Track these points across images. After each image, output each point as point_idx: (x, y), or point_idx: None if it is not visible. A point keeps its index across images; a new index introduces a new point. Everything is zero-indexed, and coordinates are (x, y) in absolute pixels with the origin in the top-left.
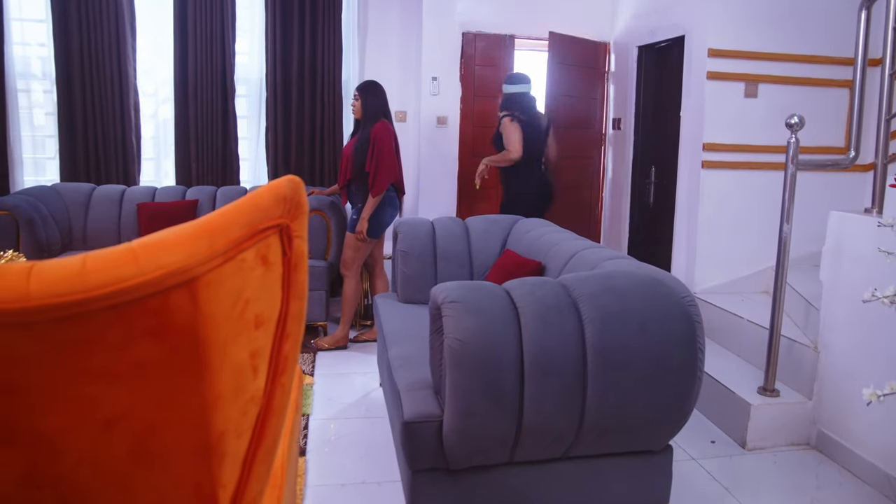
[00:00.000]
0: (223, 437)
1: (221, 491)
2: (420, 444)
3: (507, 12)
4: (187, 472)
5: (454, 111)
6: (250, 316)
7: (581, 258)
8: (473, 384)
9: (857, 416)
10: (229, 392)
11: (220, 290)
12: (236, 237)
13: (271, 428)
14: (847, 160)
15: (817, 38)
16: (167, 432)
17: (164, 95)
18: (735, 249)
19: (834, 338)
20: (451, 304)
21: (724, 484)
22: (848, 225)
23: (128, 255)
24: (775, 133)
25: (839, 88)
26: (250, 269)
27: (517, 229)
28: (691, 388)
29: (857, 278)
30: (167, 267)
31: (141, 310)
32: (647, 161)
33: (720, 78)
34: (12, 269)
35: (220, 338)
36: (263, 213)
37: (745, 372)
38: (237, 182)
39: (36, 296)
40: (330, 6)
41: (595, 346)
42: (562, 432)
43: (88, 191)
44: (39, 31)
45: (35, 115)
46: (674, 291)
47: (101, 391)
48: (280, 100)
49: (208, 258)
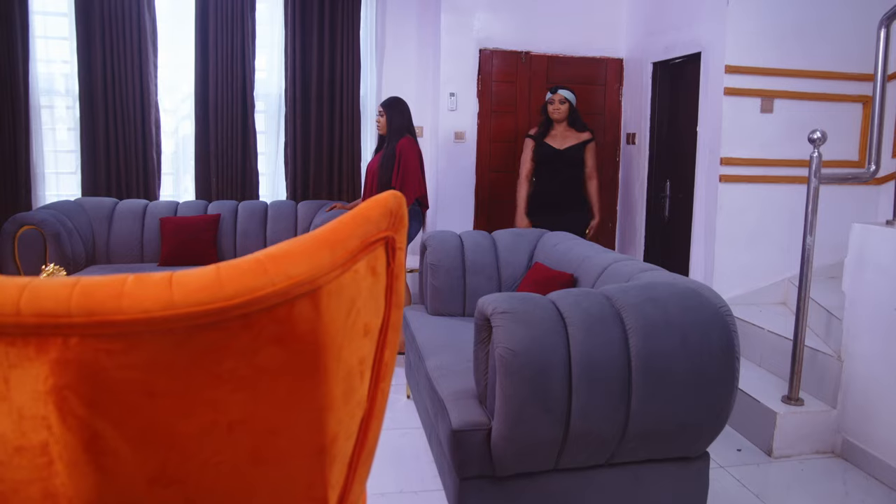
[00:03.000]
0: (335, 440)
1: (331, 491)
2: (468, 452)
3: (522, 29)
4: (302, 473)
5: (472, 127)
6: (360, 324)
7: (614, 270)
8: (524, 392)
9: (883, 423)
10: (341, 396)
11: (339, 299)
12: (352, 248)
13: (373, 430)
14: (867, 174)
15: (830, 54)
16: (286, 435)
17: (185, 112)
18: (752, 261)
19: (857, 347)
20: (502, 314)
21: (753, 491)
22: (870, 236)
23: (257, 266)
24: (791, 147)
25: (852, 103)
26: (362, 279)
27: (543, 242)
28: (729, 396)
29: (880, 289)
30: (295, 277)
31: (268, 318)
32: (661, 175)
33: (737, 94)
34: (153, 279)
35: (336, 344)
36: (374, 226)
37: (768, 381)
38: (256, 197)
39: (179, 304)
40: (349, 23)
41: (639, 355)
42: (606, 439)
43: (111, 205)
44: (63, 48)
45: (57, 131)
46: (711, 302)
47: (228, 395)
48: (299, 115)
49: (330, 269)
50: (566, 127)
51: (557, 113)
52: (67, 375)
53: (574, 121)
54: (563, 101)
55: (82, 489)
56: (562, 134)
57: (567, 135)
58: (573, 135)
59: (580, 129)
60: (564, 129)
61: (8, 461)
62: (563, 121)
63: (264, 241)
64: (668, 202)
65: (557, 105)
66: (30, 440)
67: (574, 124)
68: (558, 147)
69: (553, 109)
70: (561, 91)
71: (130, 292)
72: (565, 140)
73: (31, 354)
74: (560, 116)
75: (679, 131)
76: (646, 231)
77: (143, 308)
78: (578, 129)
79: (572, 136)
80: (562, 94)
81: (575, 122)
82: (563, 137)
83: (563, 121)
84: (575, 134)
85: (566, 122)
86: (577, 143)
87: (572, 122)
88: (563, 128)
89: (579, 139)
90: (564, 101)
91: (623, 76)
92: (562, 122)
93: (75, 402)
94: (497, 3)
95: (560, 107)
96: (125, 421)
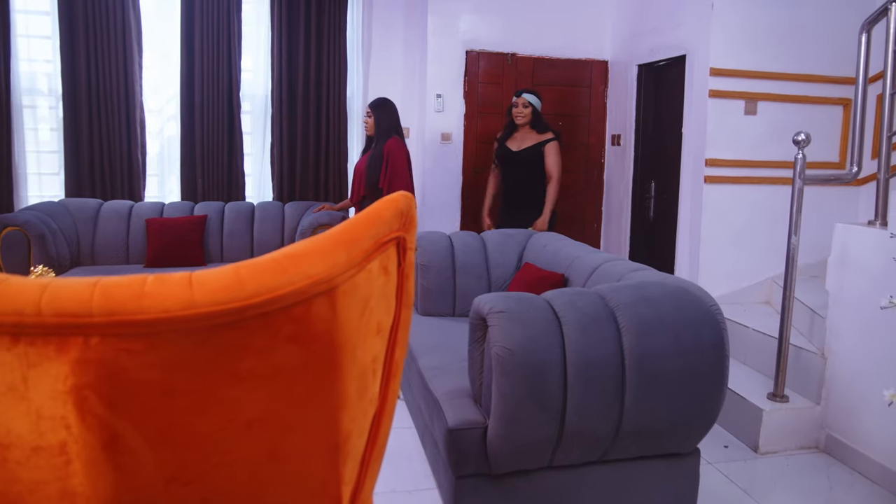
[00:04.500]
0: (349, 437)
1: (344, 488)
2: (464, 451)
3: (508, 31)
4: (317, 471)
5: (458, 128)
6: (373, 323)
7: (604, 270)
8: (520, 391)
9: (866, 418)
10: (355, 394)
11: (354, 298)
12: (367, 248)
13: (384, 428)
14: (850, 175)
15: (811, 57)
16: (301, 433)
17: (170, 113)
18: (736, 261)
19: (841, 344)
20: (498, 314)
21: (741, 486)
22: (853, 236)
23: (276, 266)
24: (774, 149)
25: (833, 106)
26: (375, 278)
27: (533, 243)
28: (720, 393)
29: (862, 287)
30: (313, 276)
31: (286, 317)
32: (646, 176)
33: (721, 96)
34: (173, 279)
35: (351, 343)
36: (387, 226)
37: (753, 379)
38: (242, 198)
39: (200, 303)
40: (335, 24)
41: (632, 354)
42: (600, 436)
43: (96, 206)
44: (45, 47)
45: (40, 131)
46: (702, 301)
47: (246, 394)
48: (286, 116)
49: (346, 268)
50: (528, 129)
51: (520, 117)
52: (88, 375)
53: (536, 123)
54: (526, 105)
55: (100, 489)
56: (522, 136)
57: (527, 136)
58: (533, 136)
59: (541, 130)
60: (526, 132)
61: (25, 461)
62: (526, 124)
63: (251, 243)
64: (653, 203)
65: (521, 108)
66: (48, 440)
67: (536, 126)
68: (515, 149)
69: (516, 113)
70: (525, 95)
71: (151, 292)
72: (524, 142)
73: (50, 354)
74: (523, 120)
75: (664, 132)
76: (631, 231)
77: (164, 308)
78: (539, 131)
79: (531, 137)
80: (525, 97)
81: (537, 125)
82: (522, 139)
83: (526, 124)
84: (535, 135)
85: (528, 125)
86: (534, 143)
87: (535, 124)
88: (526, 130)
89: (538, 140)
90: (528, 104)
91: (608, 78)
92: (524, 125)
93: (95, 402)
94: (483, 6)
95: (523, 110)
96: (144, 420)
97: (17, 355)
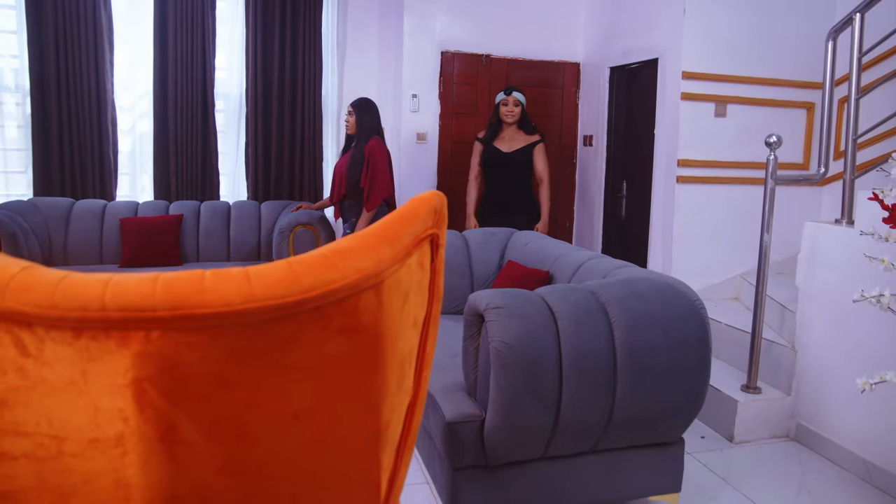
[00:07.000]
0: (389, 425)
1: (383, 474)
2: (461, 443)
3: (482, 33)
4: (359, 458)
5: (433, 128)
6: (410, 316)
7: (589, 267)
8: (518, 383)
9: (834, 408)
10: (395, 384)
11: (397, 292)
12: (407, 244)
13: (417, 416)
14: (818, 175)
15: (778, 62)
16: (346, 422)
17: (142, 110)
18: (707, 259)
19: (810, 337)
20: (495, 309)
21: (719, 474)
22: (821, 234)
23: (326, 261)
24: (743, 150)
25: (797, 109)
26: (413, 273)
27: (514, 241)
28: (704, 384)
29: (830, 283)
30: (363, 271)
31: (337, 310)
32: (618, 176)
33: (693, 98)
34: (231, 274)
35: (393, 335)
36: (423, 223)
37: (727, 372)
38: (217, 197)
39: (260, 297)
40: (310, 23)
41: (623, 347)
42: (592, 427)
43: (68, 205)
44: (11, 42)
45: (6, 129)
46: (687, 296)
47: (295, 385)
48: (260, 115)
49: (391, 263)
50: (516, 129)
51: (511, 116)
52: (148, 368)
53: (524, 123)
54: (516, 104)
55: (154, 479)
56: (511, 136)
57: (516, 137)
58: (522, 137)
59: (529, 131)
60: (514, 132)
61: (81, 453)
62: (515, 123)
63: (228, 242)
64: (625, 202)
65: (512, 107)
66: (104, 432)
67: (524, 127)
68: (506, 150)
69: (507, 112)
70: (515, 94)
71: (212, 287)
72: (514, 143)
73: (111, 348)
74: (512, 119)
75: (636, 133)
76: (603, 229)
77: (225, 301)
78: (528, 132)
79: (521, 138)
80: (516, 96)
81: (525, 125)
82: (511, 140)
83: (515, 123)
84: (524, 136)
85: (516, 124)
86: (525, 145)
87: (522, 124)
88: (513, 130)
89: (528, 141)
90: (518, 103)
91: (580, 80)
92: (513, 124)
93: (154, 395)
94: (458, 7)
95: (514, 109)
96: (200, 412)
97: (77, 349)
